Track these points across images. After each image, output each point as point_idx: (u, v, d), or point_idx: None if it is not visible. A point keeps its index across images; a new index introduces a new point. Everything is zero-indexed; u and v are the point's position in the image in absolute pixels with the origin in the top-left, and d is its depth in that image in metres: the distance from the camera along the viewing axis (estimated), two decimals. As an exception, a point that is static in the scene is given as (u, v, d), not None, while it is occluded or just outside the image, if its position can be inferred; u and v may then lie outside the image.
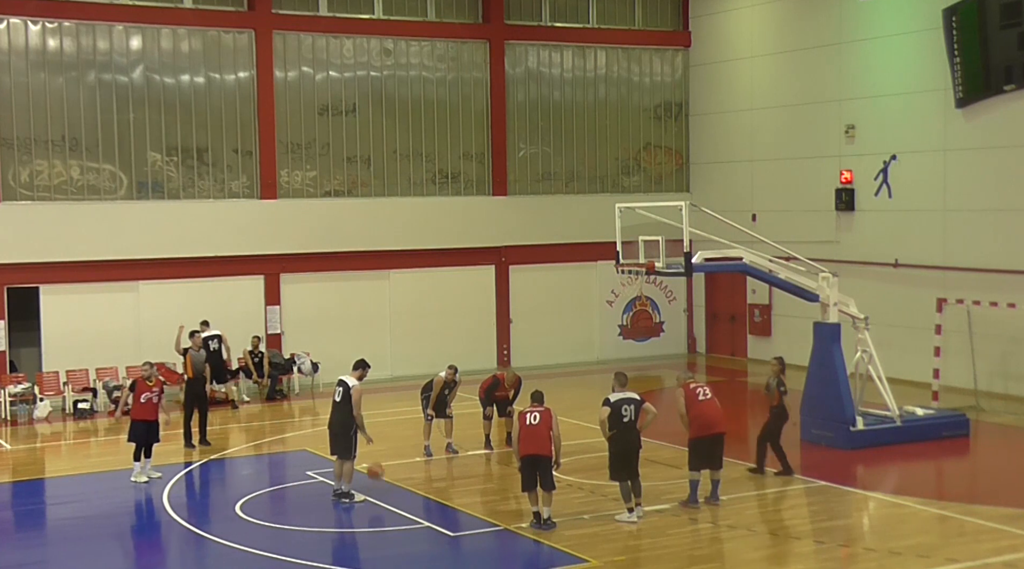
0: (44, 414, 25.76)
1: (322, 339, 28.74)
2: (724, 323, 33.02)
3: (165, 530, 17.07)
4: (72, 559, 15.91)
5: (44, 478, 21.23)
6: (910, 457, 20.54)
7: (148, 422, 19.62)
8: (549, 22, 32.01)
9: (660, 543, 15.72)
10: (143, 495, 19.25)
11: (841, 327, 21.37)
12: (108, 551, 16.51)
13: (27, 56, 26.66)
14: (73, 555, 16.03)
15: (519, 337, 31.55)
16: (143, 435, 19.60)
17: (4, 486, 20.35)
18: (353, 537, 16.33)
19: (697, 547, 15.76)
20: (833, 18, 29.19)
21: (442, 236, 30.40)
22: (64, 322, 26.65)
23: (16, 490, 20.22)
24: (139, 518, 18.52)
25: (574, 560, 14.79)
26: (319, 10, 29.32)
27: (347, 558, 15.00)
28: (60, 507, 19.28)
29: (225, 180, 28.67)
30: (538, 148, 32.06)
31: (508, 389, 21.66)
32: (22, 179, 26.70)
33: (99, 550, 16.45)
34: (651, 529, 16.37)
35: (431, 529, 16.50)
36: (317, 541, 16.01)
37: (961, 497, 17.67)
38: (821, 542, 15.60)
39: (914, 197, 27.24)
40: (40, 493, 20.34)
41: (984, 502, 17.24)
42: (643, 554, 15.12)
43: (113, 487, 20.46)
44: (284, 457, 22.10)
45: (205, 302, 27.71)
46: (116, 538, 17.39)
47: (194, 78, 28.22)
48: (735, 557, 14.98)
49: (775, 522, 16.55)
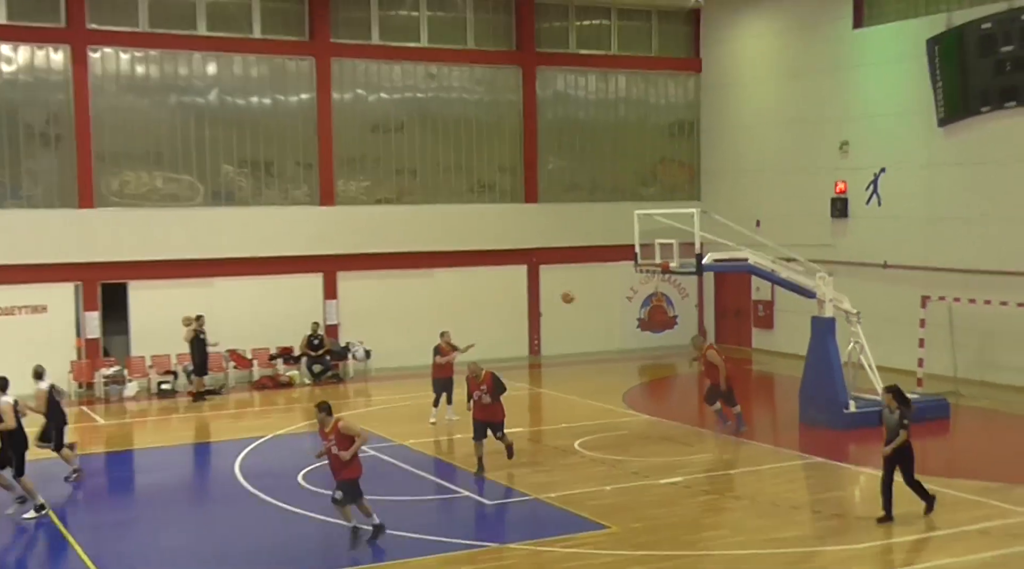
0: (132, 393, 26.00)
1: (374, 329, 28.83)
2: (731, 317, 32.98)
3: (237, 496, 17.18)
4: (157, 520, 16.12)
5: (132, 449, 21.47)
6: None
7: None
8: (575, 49, 32.01)
9: (672, 512, 15.76)
10: (219, 465, 19.44)
11: (836, 321, 21.33)
12: (188, 513, 16.71)
13: (118, 81, 26.89)
14: (158, 516, 16.23)
15: (548, 329, 31.59)
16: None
17: (99, 456, 20.59)
18: (401, 503, 16.39)
19: (706, 515, 15.81)
20: (830, 46, 29.10)
21: (479, 239, 30.44)
22: (149, 313, 26.83)
23: (109, 459, 20.48)
24: (215, 485, 18.74)
25: (595, 526, 14.86)
26: (372, 39, 29.44)
27: (396, 521, 15.10)
28: (146, 474, 19.53)
29: (288, 189, 28.82)
30: (565, 161, 32.06)
31: (480, 385, 18.00)
32: (113, 188, 26.93)
33: (181, 512, 16.65)
34: (664, 499, 16.41)
35: (469, 497, 16.61)
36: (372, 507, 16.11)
37: (941, 472, 17.59)
38: (817, 511, 15.64)
39: (901, 206, 27.14)
40: (129, 462, 20.61)
41: (962, 477, 17.19)
42: (657, 522, 15.13)
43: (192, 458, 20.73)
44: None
45: (270, 297, 27.95)
46: (195, 502, 17.63)
47: (262, 99, 28.38)
48: (740, 524, 15.01)
49: (776, 494, 16.54)
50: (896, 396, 14.99)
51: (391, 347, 28.34)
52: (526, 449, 20.39)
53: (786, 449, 19.42)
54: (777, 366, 28.94)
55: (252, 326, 27.57)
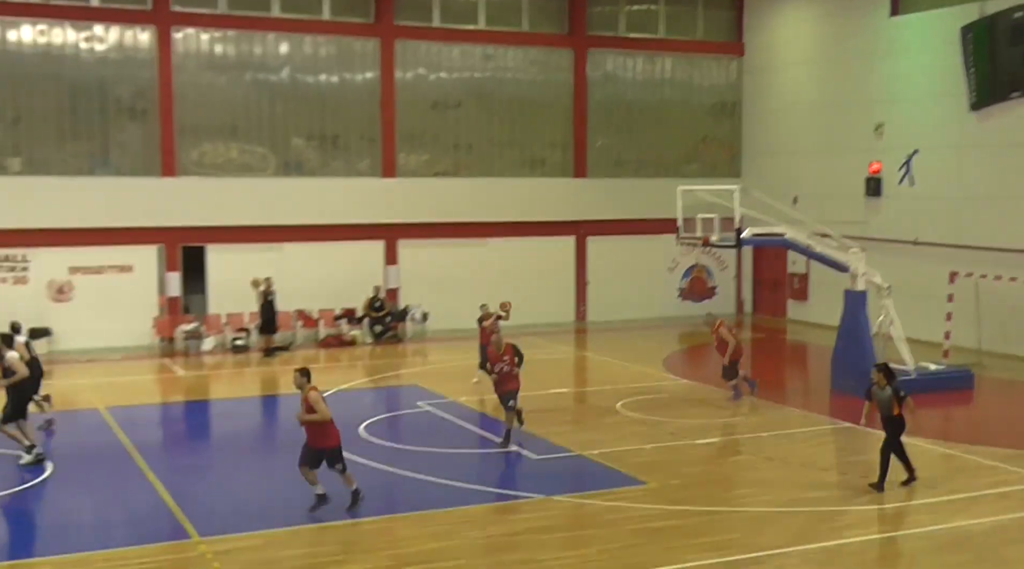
0: (209, 348, 26.33)
1: (431, 293, 28.95)
2: (768, 288, 32.75)
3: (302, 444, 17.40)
4: (230, 464, 16.43)
5: (209, 399, 21.84)
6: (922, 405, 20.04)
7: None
8: (625, 33, 31.74)
9: (707, 470, 15.80)
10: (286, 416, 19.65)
11: (867, 294, 21.14)
12: (258, 458, 16.98)
13: (198, 59, 27.11)
14: (231, 461, 16.54)
15: (594, 296, 31.54)
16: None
17: (178, 404, 21.00)
18: (456, 456, 16.55)
19: (739, 474, 15.81)
20: (867, 33, 28.65)
21: (531, 211, 30.41)
22: (225, 274, 27.13)
23: (187, 408, 20.89)
24: (282, 433, 18.96)
25: (634, 482, 14.91)
26: (433, 22, 29.40)
27: (451, 472, 15.26)
28: (221, 422, 19.86)
29: (353, 161, 28.94)
30: (613, 139, 31.86)
31: (502, 356, 17.16)
32: (193, 158, 27.21)
33: (251, 457, 16.96)
34: (700, 459, 16.44)
35: (517, 452, 16.68)
36: (426, 458, 16.21)
37: (965, 438, 17.49)
38: (844, 474, 15.57)
39: (932, 185, 26.76)
40: (206, 411, 20.96)
41: (984, 443, 17.06)
42: (692, 479, 15.16)
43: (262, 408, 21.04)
44: (399, 390, 22.42)
45: (335, 261, 28.14)
46: (264, 449, 17.88)
47: (330, 77, 28.47)
48: (771, 484, 14.98)
49: (806, 456, 16.48)
50: (885, 373, 14.71)
51: (447, 310, 28.46)
52: (571, 408, 20.53)
53: (817, 414, 19.34)
54: (810, 336, 28.74)
55: (318, 288, 27.80)
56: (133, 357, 25.44)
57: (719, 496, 14.50)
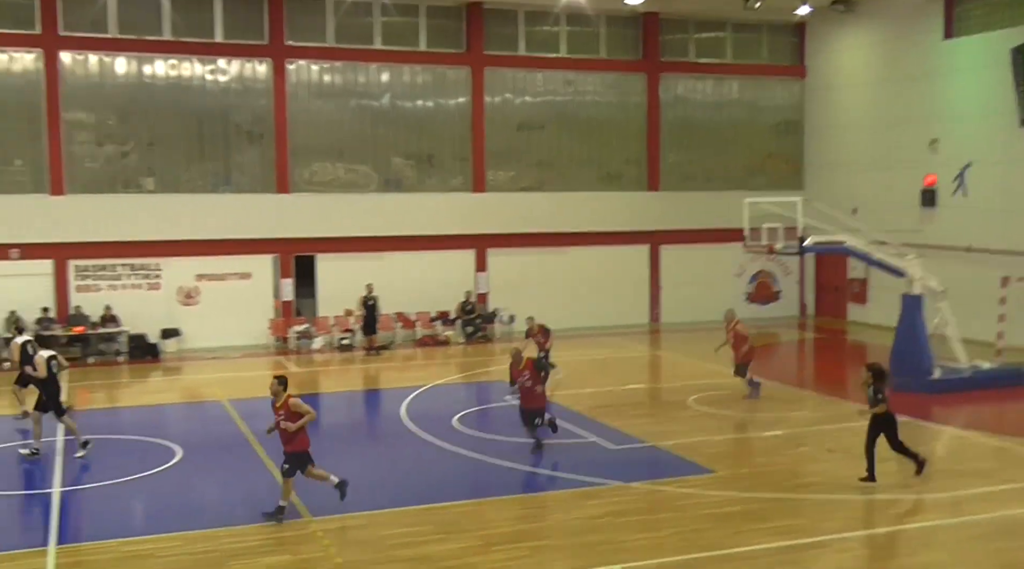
0: (318, 346, 26.73)
1: (517, 297, 29.02)
2: (829, 292, 32.17)
3: (403, 435, 17.52)
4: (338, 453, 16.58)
5: (319, 392, 22.09)
6: (976, 401, 19.79)
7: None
8: (694, 58, 31.50)
9: (773, 461, 15.57)
10: (388, 408, 19.90)
11: (923, 298, 20.67)
12: (361, 446, 17.19)
13: (309, 88, 27.63)
14: (338, 448, 16.69)
15: (667, 300, 31.33)
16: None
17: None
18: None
19: (802, 464, 15.55)
20: (922, 55, 28.02)
21: (608, 222, 30.33)
22: (333, 281, 27.56)
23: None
24: (385, 424, 19.22)
25: (705, 470, 14.80)
26: (518, 51, 29.54)
27: (535, 460, 15.29)
28: (329, 413, 20.09)
29: (447, 178, 29.17)
30: (683, 155, 31.64)
31: (522, 371, 16.42)
32: (304, 177, 27.70)
33: (356, 445, 17.14)
34: (766, 450, 16.23)
35: (596, 443, 16.66)
36: (513, 448, 16.23)
37: (1017, 433, 16.97)
38: (902, 464, 15.18)
39: (984, 196, 26.09)
40: (316, 403, 21.02)
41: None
42: (759, 469, 14.99)
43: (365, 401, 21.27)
44: (488, 385, 22.44)
45: (431, 269, 28.40)
46: (367, 437, 18.13)
47: (426, 102, 28.78)
48: (832, 473, 14.73)
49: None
50: (873, 373, 14.08)
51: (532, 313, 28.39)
52: (645, 402, 20.42)
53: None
54: (870, 336, 28.13)
55: (415, 293, 28.10)
56: (251, 355, 25.96)
57: (784, 484, 14.28)
